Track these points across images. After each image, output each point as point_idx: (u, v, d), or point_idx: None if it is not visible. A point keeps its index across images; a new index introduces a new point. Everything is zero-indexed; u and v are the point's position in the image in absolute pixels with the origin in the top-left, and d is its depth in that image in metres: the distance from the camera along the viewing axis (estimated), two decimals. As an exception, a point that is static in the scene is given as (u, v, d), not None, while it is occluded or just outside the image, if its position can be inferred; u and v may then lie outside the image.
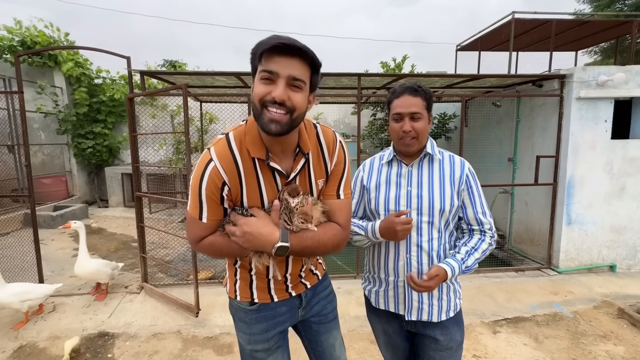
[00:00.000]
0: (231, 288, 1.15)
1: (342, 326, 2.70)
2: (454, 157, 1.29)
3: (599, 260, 3.74)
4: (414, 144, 1.22)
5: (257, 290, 1.12)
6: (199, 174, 0.94)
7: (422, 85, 1.23)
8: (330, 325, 1.26)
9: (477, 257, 1.23)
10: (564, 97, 3.55)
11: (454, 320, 1.27)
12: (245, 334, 1.14)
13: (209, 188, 0.94)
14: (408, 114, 1.19)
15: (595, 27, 4.45)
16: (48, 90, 6.30)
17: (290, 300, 1.16)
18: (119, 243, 4.85)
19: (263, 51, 0.85)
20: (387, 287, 1.29)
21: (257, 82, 0.89)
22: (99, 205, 7.11)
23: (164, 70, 8.27)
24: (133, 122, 3.09)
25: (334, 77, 3.60)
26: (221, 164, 0.94)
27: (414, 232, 1.23)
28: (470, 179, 1.25)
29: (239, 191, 0.98)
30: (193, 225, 1.01)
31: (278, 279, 1.10)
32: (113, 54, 2.99)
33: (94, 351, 2.42)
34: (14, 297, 2.54)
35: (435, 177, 1.25)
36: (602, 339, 2.60)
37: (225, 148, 0.96)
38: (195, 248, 1.04)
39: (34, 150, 6.87)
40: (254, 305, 1.12)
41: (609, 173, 3.61)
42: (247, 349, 1.15)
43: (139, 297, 3.17)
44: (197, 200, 0.96)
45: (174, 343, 2.51)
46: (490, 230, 1.25)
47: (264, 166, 0.98)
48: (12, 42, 6.12)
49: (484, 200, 1.27)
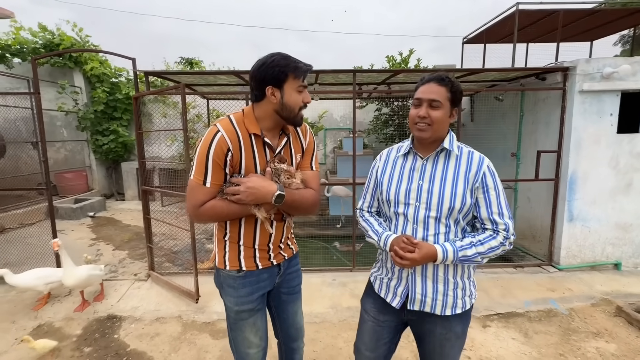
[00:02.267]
0: (220, 260, 1.36)
1: (334, 316, 2.83)
2: (472, 154, 1.23)
3: (603, 257, 3.65)
4: (428, 130, 1.19)
5: (245, 259, 1.34)
6: (208, 141, 1.19)
7: (452, 78, 1.22)
8: (296, 296, 1.53)
9: (481, 251, 1.17)
10: (567, 91, 3.46)
11: (458, 316, 1.24)
12: (233, 297, 1.35)
13: (216, 153, 1.18)
14: (427, 100, 1.19)
15: (607, 16, 4.26)
16: (68, 89, 6.67)
17: (271, 269, 1.39)
18: (132, 234, 5.14)
19: (299, 73, 1.22)
20: (392, 275, 1.30)
21: (294, 92, 1.23)
22: (116, 199, 7.50)
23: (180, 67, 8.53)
24: (139, 120, 3.28)
25: (331, 74, 3.66)
26: (227, 134, 1.20)
27: (420, 227, 1.22)
28: (487, 178, 1.19)
29: (238, 158, 1.23)
30: (196, 191, 1.21)
31: (269, 231, 1.33)
32: (119, 56, 3.17)
33: (102, 332, 2.63)
34: (37, 281, 2.80)
35: (449, 173, 1.21)
36: (594, 336, 2.58)
37: (229, 124, 1.23)
38: (196, 214, 1.23)
39: (57, 146, 7.31)
40: (242, 272, 1.34)
41: (615, 168, 3.50)
42: (234, 310, 1.36)
43: (146, 284, 3.39)
44: (203, 167, 1.20)
45: (175, 327, 2.70)
46: (506, 231, 1.18)
47: (258, 141, 1.27)
48: (36, 44, 6.51)
49: (504, 201, 1.20)
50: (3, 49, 6.33)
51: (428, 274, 1.24)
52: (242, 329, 1.39)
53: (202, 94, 4.88)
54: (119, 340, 2.52)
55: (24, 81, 6.39)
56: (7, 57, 6.42)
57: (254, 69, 1.22)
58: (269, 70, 1.19)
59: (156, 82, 6.88)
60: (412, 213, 1.24)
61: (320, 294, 3.15)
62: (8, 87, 6.75)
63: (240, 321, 1.38)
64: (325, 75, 3.76)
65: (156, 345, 2.47)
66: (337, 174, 6.31)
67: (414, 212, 1.24)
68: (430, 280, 1.24)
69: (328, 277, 3.49)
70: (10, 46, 6.35)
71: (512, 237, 1.20)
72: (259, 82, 1.21)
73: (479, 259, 1.19)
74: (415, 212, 1.24)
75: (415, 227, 1.23)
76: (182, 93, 2.76)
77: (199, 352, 2.39)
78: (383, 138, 6.01)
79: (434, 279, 1.24)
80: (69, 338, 2.53)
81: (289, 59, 1.21)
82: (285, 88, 1.21)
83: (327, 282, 3.38)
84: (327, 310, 2.91)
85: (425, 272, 1.24)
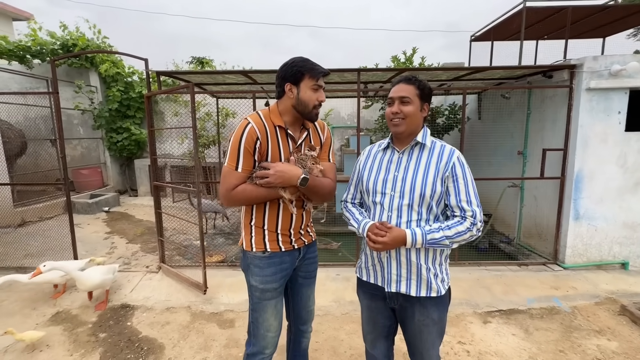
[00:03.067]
0: (247, 243, 1.51)
1: (337, 310, 2.92)
2: (444, 147, 1.35)
3: (610, 257, 3.62)
4: (401, 124, 1.33)
5: (269, 241, 1.48)
6: (240, 132, 1.36)
7: (418, 77, 1.36)
8: (311, 280, 1.69)
9: (449, 234, 1.25)
10: (574, 88, 3.43)
11: (433, 301, 1.34)
12: (259, 277, 1.49)
13: (248, 141, 1.35)
14: (398, 98, 1.33)
15: (619, 12, 4.18)
16: (85, 89, 6.92)
17: (292, 252, 1.53)
18: (144, 229, 5.32)
19: (314, 74, 1.38)
20: (373, 261, 1.42)
21: (308, 90, 1.38)
22: (129, 194, 7.74)
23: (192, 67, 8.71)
24: (151, 118, 3.41)
25: (337, 73, 3.72)
26: (256, 125, 1.37)
27: (394, 214, 1.32)
28: (456, 168, 1.29)
29: (266, 146, 1.38)
30: (230, 176, 1.38)
31: (292, 212, 1.47)
32: (133, 56, 3.31)
33: (116, 319, 2.78)
34: (55, 274, 2.93)
35: (421, 163, 1.32)
36: (596, 333, 2.59)
37: (258, 117, 1.41)
38: (229, 196, 1.39)
39: (74, 144, 7.59)
40: (267, 252, 1.48)
41: (623, 167, 3.46)
42: (259, 288, 1.49)
43: (157, 275, 3.54)
44: (236, 154, 1.36)
45: (184, 316, 2.82)
46: (473, 217, 1.26)
47: (282, 132, 1.43)
48: (54, 45, 6.76)
49: (472, 189, 1.29)
50: (24, 51, 6.61)
51: (401, 258, 1.35)
52: (265, 309, 1.50)
53: (211, 93, 5.01)
54: (132, 328, 2.66)
55: (43, 81, 6.66)
56: (28, 58, 6.70)
57: (278, 70, 1.41)
58: (288, 69, 1.38)
59: (168, 81, 7.07)
60: (388, 202, 1.35)
61: (323, 288, 3.23)
62: (28, 87, 7.04)
63: (264, 301, 1.50)
64: (331, 74, 3.82)
65: (166, 332, 2.59)
66: (344, 172, 6.37)
67: (389, 200, 1.35)
68: (403, 264, 1.35)
69: (332, 272, 3.57)
70: (31, 48, 6.62)
71: (480, 223, 1.29)
72: (281, 80, 1.40)
73: (447, 242, 1.27)
74: (390, 200, 1.35)
75: (390, 215, 1.34)
76: (192, 92, 2.87)
77: (207, 340, 2.50)
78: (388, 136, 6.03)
79: (407, 263, 1.34)
80: (85, 324, 2.69)
81: (307, 62, 1.38)
82: (301, 85, 1.37)
83: (331, 277, 3.46)
84: (330, 304, 2.99)
85: (399, 257, 1.35)
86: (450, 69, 3.91)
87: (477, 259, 3.85)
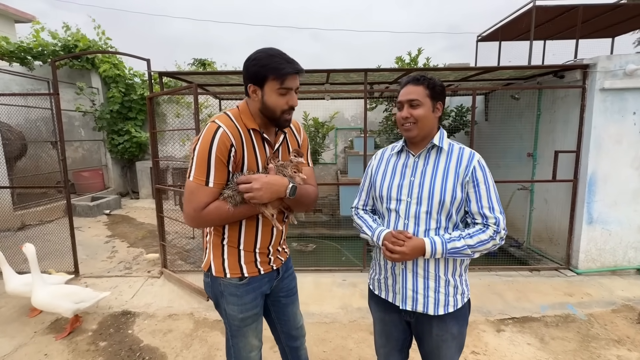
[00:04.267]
0: (218, 267, 1.27)
1: (344, 317, 2.82)
2: (463, 149, 1.26)
3: (625, 262, 3.51)
4: (413, 128, 1.24)
5: (246, 264, 1.28)
6: (209, 139, 1.12)
7: (426, 75, 1.26)
8: (294, 297, 1.51)
9: (470, 243, 1.17)
10: (587, 89, 3.34)
11: (452, 315, 1.25)
12: (237, 306, 1.29)
13: (219, 149, 1.11)
14: (407, 102, 1.24)
15: (630, 11, 4.09)
16: (86, 91, 6.86)
17: (271, 273, 1.37)
18: (146, 232, 5.24)
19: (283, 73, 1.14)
20: (387, 274, 1.32)
21: (274, 94, 1.15)
22: (131, 197, 7.67)
23: (193, 69, 8.66)
24: (153, 119, 3.34)
25: (343, 73, 3.64)
26: (228, 130, 1.14)
27: (412, 222, 1.24)
28: (477, 172, 1.21)
29: (241, 155, 1.17)
30: (198, 193, 1.13)
31: (279, 228, 1.31)
32: (135, 57, 3.24)
33: (117, 327, 2.69)
34: (27, 287, 2.58)
35: (439, 168, 1.24)
36: (615, 343, 2.48)
37: (228, 120, 1.17)
38: (198, 217, 1.14)
39: (75, 146, 7.54)
40: (245, 279, 1.28)
41: (638, 169, 3.36)
42: (238, 317, 1.31)
43: (159, 281, 3.45)
44: (205, 166, 1.12)
45: (187, 324, 2.73)
46: (496, 225, 1.18)
47: (257, 136, 1.22)
48: (56, 47, 6.72)
49: (494, 195, 1.21)
50: (25, 52, 6.56)
51: (419, 270, 1.25)
52: (246, 334, 1.35)
53: (214, 94, 4.94)
54: (133, 336, 2.57)
55: (44, 82, 6.61)
56: (29, 59, 6.65)
57: (244, 63, 1.16)
58: (250, 67, 1.14)
59: (170, 82, 7.01)
60: (404, 209, 1.26)
61: (330, 294, 3.14)
62: (29, 89, 7.00)
63: (244, 327, 1.33)
64: (336, 75, 3.75)
65: (169, 341, 2.51)
66: (348, 174, 6.29)
67: (406, 207, 1.26)
68: (420, 276, 1.25)
69: (338, 277, 3.47)
70: (32, 49, 6.58)
71: (503, 231, 1.20)
72: (244, 78, 1.18)
73: (469, 252, 1.19)
74: (407, 207, 1.26)
75: (407, 223, 1.25)
76: (195, 93, 2.79)
77: (210, 350, 2.41)
78: (393, 138, 5.95)
79: (424, 275, 1.25)
80: (85, 332, 2.60)
81: (272, 58, 1.11)
82: (265, 89, 1.15)
83: (338, 283, 3.36)
84: (337, 311, 2.89)
85: (416, 269, 1.25)
86: (458, 69, 3.83)
87: (486, 264, 3.75)
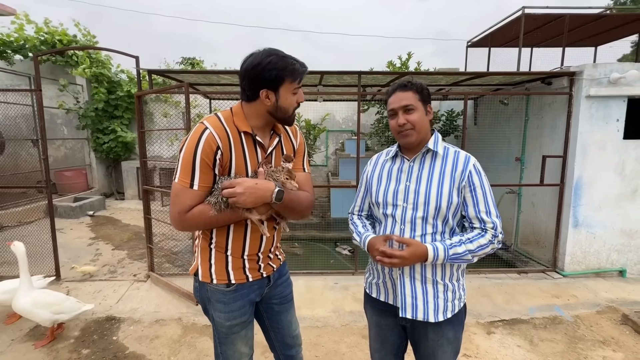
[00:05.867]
0: (205, 272, 1.24)
1: (336, 321, 2.78)
2: (458, 153, 1.25)
3: (608, 264, 3.61)
4: (412, 134, 1.23)
5: (234, 270, 1.24)
6: (195, 140, 1.09)
7: (413, 80, 1.26)
8: (289, 305, 1.45)
9: (471, 248, 1.17)
10: (573, 95, 3.43)
11: (448, 320, 1.24)
12: (223, 313, 1.25)
13: (205, 151, 1.09)
14: (400, 108, 1.23)
15: (614, 21, 4.25)
16: (69, 87, 6.63)
17: (261, 280, 1.32)
18: (131, 234, 5.09)
19: (296, 75, 1.15)
20: (384, 278, 1.31)
21: (289, 95, 1.16)
22: (115, 198, 7.45)
23: (182, 67, 8.51)
24: (141, 118, 3.24)
25: (336, 75, 3.63)
26: (216, 131, 1.11)
27: (408, 228, 1.23)
28: (473, 177, 1.20)
29: (228, 157, 1.14)
30: (182, 196, 1.11)
31: (266, 235, 1.25)
32: (122, 54, 3.14)
33: (100, 333, 2.58)
34: (5, 295, 2.48)
35: (435, 173, 1.23)
36: (600, 344, 2.54)
37: (217, 121, 1.15)
38: (182, 220, 1.12)
39: (57, 144, 7.27)
40: (232, 286, 1.24)
41: (621, 174, 3.47)
42: (225, 325, 1.27)
43: (145, 285, 3.35)
44: (190, 167, 1.10)
45: (175, 329, 2.65)
46: (494, 229, 1.19)
47: (248, 140, 1.18)
48: (37, 42, 6.47)
49: (491, 199, 1.21)
50: (4, 46, 6.29)
51: (416, 275, 1.24)
52: (234, 342, 1.31)
53: (204, 94, 4.85)
54: (118, 343, 2.47)
55: (25, 78, 6.36)
56: (8, 53, 6.38)
57: (248, 69, 1.12)
58: (265, 72, 1.10)
59: (158, 80, 6.85)
60: (400, 214, 1.25)
61: (322, 298, 3.11)
62: (9, 84, 6.70)
63: (232, 335, 1.29)
64: (329, 77, 3.73)
65: (155, 348, 2.42)
66: (339, 176, 6.28)
67: (402, 213, 1.25)
68: (419, 282, 1.24)
69: (330, 280, 3.44)
70: (13, 43, 6.31)
71: (501, 235, 1.21)
72: (252, 84, 1.13)
73: (470, 257, 1.18)
74: (402, 213, 1.25)
75: (403, 228, 1.24)
76: (186, 92, 2.72)
77: (199, 356, 2.34)
78: (385, 141, 5.99)
79: (422, 280, 1.23)
80: (66, 339, 2.49)
81: (286, 61, 1.12)
82: (281, 91, 1.14)
83: (329, 286, 3.33)
84: (329, 315, 2.86)
85: (414, 274, 1.24)
86: (450, 73, 3.87)
87: (476, 266, 3.79)
